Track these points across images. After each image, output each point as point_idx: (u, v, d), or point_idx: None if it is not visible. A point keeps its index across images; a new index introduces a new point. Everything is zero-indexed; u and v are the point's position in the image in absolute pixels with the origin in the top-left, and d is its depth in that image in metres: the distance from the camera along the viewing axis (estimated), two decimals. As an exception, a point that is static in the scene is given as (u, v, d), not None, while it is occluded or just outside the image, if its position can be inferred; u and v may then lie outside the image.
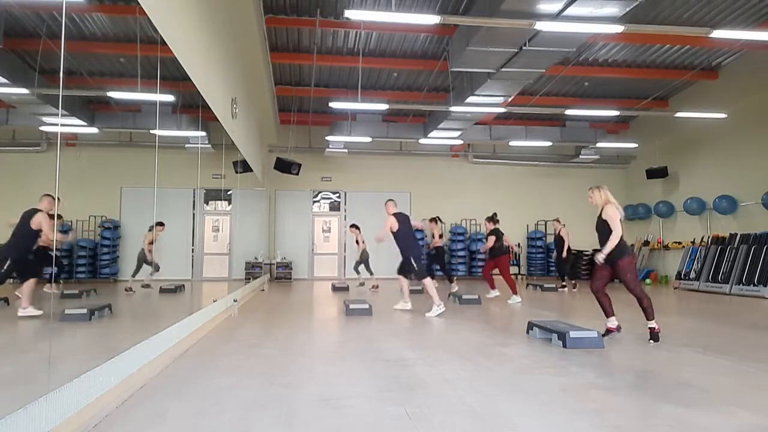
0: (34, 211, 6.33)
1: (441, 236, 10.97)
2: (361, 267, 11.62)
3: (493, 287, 9.16)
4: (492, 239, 8.92)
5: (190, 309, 6.92)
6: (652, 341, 4.77)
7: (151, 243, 10.41)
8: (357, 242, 11.58)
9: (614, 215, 4.90)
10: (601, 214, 5.03)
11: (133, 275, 10.35)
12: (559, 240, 10.91)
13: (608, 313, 5.10)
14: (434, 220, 10.83)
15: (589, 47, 10.12)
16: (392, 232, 7.26)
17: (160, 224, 10.70)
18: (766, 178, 10.96)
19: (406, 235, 7.28)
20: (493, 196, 15.51)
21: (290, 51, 10.60)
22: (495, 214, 9.32)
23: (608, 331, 5.05)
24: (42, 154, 12.93)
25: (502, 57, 8.24)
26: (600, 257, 4.91)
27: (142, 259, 10.29)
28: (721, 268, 11.08)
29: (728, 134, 12.03)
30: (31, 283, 6.33)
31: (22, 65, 9.78)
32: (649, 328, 4.83)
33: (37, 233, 6.31)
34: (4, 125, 12.00)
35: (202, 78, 5.51)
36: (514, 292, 8.57)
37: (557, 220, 11.36)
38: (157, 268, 10.55)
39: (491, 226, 9.14)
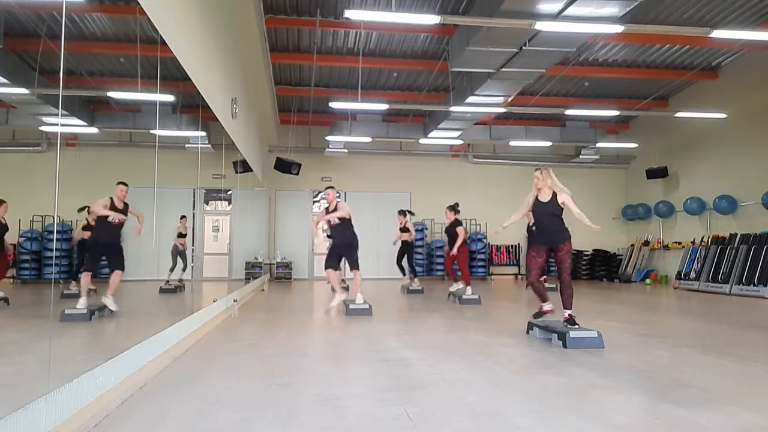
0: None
1: (405, 230, 10.48)
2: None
3: (456, 280, 8.95)
4: (462, 230, 8.60)
5: (190, 309, 6.92)
6: (567, 325, 4.80)
7: (180, 236, 10.48)
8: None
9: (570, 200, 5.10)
10: (554, 197, 5.15)
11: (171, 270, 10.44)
12: None
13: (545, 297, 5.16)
14: (401, 212, 10.64)
15: (589, 47, 10.12)
16: (339, 220, 7.01)
17: (183, 217, 10.87)
18: (766, 178, 10.96)
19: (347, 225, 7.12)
20: (493, 196, 15.49)
21: (290, 51, 10.59)
22: (457, 204, 9.04)
23: (543, 313, 5.14)
24: (42, 154, 12.93)
25: (502, 57, 8.24)
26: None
27: (175, 254, 10.41)
28: (721, 268, 11.08)
29: (728, 134, 12.03)
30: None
31: (22, 65, 9.79)
32: (567, 315, 4.87)
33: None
34: (4, 125, 12.00)
35: (202, 78, 5.51)
36: (468, 283, 8.54)
37: None
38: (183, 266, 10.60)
39: (452, 216, 8.76)
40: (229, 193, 14.09)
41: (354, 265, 7.11)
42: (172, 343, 4.23)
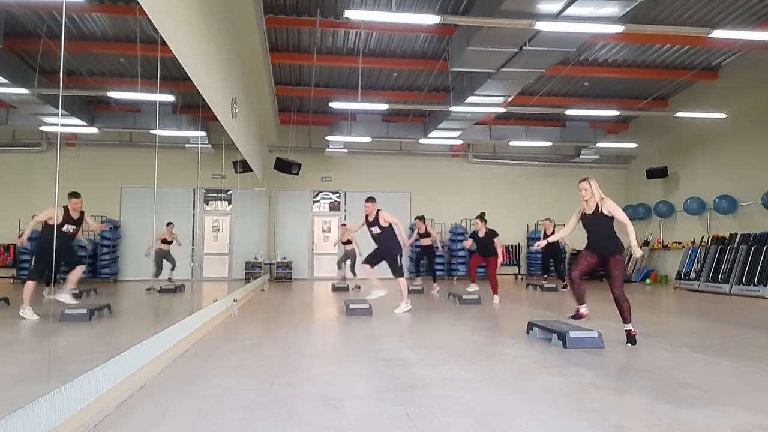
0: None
1: (424, 235, 10.78)
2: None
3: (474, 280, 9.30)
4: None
5: (190, 309, 6.92)
6: (629, 344, 4.58)
7: (163, 242, 10.55)
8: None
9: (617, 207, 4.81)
10: (598, 208, 4.82)
11: (156, 275, 10.58)
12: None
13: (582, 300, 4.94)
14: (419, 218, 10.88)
15: (589, 47, 10.12)
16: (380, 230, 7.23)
17: (169, 224, 10.95)
18: (766, 178, 10.96)
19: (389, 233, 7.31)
20: (493, 196, 15.50)
21: (290, 51, 10.59)
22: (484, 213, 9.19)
23: (580, 316, 4.93)
24: (42, 154, 12.94)
25: (502, 57, 8.24)
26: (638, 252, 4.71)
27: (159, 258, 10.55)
28: (721, 268, 11.08)
29: (728, 134, 12.03)
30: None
31: (22, 65, 9.78)
32: (626, 330, 4.62)
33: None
34: (4, 125, 12.01)
35: (202, 78, 5.51)
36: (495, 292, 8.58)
37: (549, 220, 11.25)
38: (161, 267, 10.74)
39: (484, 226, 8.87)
40: (229, 193, 14.10)
41: (398, 273, 7.33)
42: (172, 343, 4.23)
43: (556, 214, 15.92)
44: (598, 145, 14.40)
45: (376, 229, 7.24)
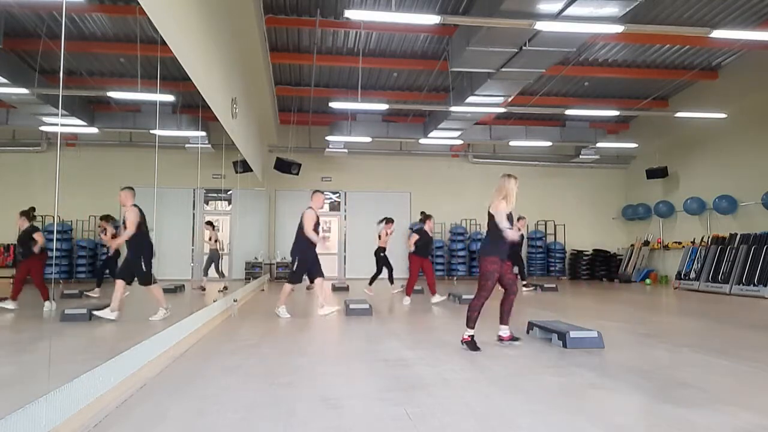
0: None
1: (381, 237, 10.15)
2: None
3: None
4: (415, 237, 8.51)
5: (190, 309, 6.91)
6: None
7: (209, 240, 10.29)
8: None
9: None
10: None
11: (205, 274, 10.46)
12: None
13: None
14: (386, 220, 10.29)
15: (589, 47, 10.12)
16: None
17: (208, 223, 10.79)
18: (766, 178, 10.96)
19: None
20: (493, 196, 15.48)
21: (290, 51, 10.59)
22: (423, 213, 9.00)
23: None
24: (42, 154, 12.93)
25: (502, 57, 8.24)
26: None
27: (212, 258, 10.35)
28: (721, 268, 11.08)
29: (728, 134, 12.03)
30: None
31: (22, 65, 9.78)
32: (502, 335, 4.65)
33: None
34: (4, 125, 12.00)
35: (202, 78, 5.51)
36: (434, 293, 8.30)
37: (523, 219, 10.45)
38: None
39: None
40: (229, 193, 14.09)
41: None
42: (172, 343, 4.23)
43: (557, 214, 15.96)
44: (598, 145, 14.40)
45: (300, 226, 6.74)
